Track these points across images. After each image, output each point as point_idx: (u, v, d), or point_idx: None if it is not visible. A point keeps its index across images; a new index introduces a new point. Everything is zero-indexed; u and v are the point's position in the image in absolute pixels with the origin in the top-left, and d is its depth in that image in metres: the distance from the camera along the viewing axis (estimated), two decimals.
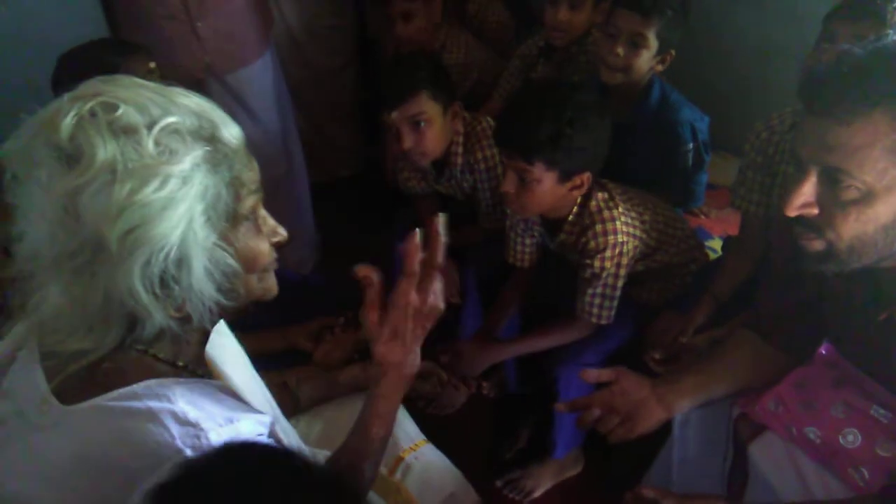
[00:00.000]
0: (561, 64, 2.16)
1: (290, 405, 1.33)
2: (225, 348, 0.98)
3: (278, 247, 0.88)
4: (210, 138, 0.74)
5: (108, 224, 0.67)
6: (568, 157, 1.47)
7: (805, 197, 0.94)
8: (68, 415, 0.75)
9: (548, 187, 1.51)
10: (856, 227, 0.93)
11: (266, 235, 0.85)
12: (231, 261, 0.78)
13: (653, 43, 1.78)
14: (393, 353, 0.95)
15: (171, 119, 0.71)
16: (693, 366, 1.33)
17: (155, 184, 0.68)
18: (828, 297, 1.15)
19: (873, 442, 1.11)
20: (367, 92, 2.85)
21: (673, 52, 1.83)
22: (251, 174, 0.80)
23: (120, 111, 0.69)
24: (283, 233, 0.87)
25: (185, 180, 0.71)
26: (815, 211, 0.95)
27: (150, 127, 0.70)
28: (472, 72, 2.33)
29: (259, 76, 2.17)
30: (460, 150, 1.86)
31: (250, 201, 0.80)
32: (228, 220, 0.77)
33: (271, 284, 0.89)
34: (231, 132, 0.78)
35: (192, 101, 0.76)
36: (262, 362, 1.34)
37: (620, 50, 1.79)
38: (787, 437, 1.19)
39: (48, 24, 1.84)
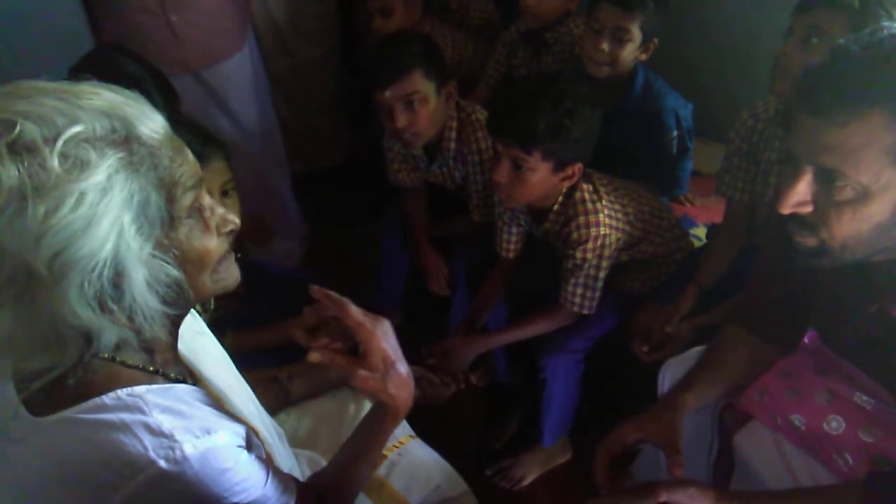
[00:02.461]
0: (538, 50, 2.16)
1: (281, 399, 1.33)
2: (203, 348, 0.96)
3: (231, 235, 0.82)
4: (125, 140, 0.68)
5: (30, 252, 0.62)
6: (564, 148, 1.48)
7: (800, 196, 0.93)
8: (38, 427, 0.73)
9: (541, 177, 1.51)
10: (850, 226, 0.92)
11: (215, 228, 0.79)
12: (172, 270, 0.72)
13: (636, 36, 1.80)
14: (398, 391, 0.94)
15: (76, 128, 0.65)
16: (692, 382, 1.22)
17: (70, 203, 0.63)
18: (818, 290, 1.15)
19: (857, 428, 1.12)
20: (353, 81, 2.82)
21: (656, 40, 1.84)
22: (185, 168, 0.74)
23: (18, 129, 0.63)
24: (234, 220, 0.81)
25: (105, 192, 0.65)
26: (810, 209, 0.94)
27: (53, 141, 0.63)
28: (459, 70, 2.31)
29: (237, 71, 2.14)
30: (453, 135, 1.84)
31: (188, 199, 0.74)
32: (163, 226, 0.72)
33: (229, 277, 0.83)
34: (152, 126, 0.71)
35: (103, 98, 0.69)
36: (256, 359, 1.34)
37: (605, 45, 1.80)
38: (773, 426, 1.20)
39: (25, 13, 1.78)
